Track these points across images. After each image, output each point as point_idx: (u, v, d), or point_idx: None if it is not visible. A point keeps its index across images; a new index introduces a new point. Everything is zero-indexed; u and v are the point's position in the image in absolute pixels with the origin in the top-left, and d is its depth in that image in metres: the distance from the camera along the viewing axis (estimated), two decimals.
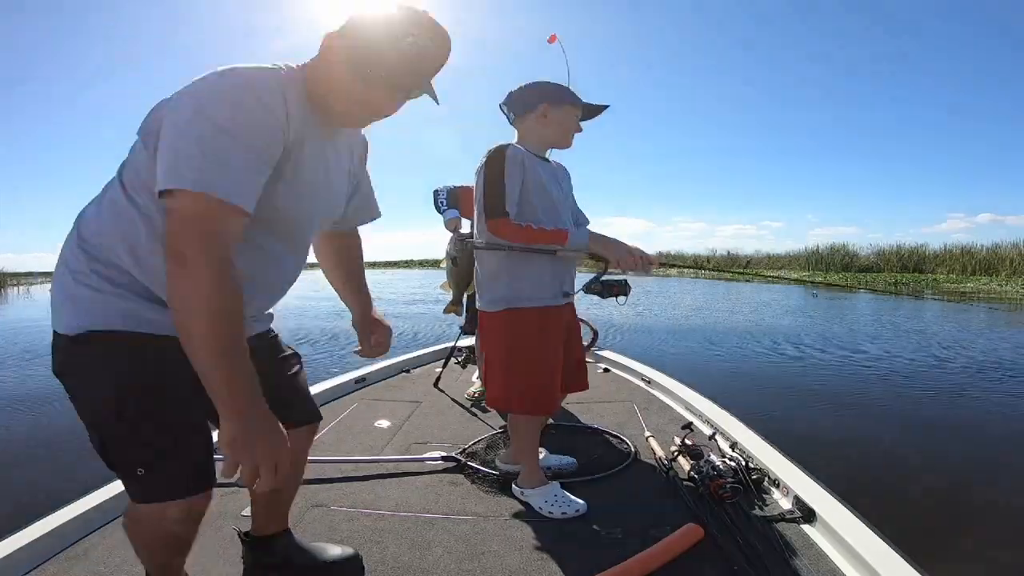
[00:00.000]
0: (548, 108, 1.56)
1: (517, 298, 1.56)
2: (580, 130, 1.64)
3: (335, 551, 1.34)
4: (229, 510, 1.62)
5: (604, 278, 1.62)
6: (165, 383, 0.90)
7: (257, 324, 1.11)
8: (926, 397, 4.03)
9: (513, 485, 1.68)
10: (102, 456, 0.93)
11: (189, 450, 0.94)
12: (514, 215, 1.49)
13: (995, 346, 6.01)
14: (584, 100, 1.62)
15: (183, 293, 0.77)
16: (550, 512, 1.54)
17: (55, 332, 0.92)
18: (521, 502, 1.63)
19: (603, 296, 1.65)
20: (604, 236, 1.57)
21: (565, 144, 1.64)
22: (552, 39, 1.71)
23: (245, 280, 0.82)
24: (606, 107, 1.65)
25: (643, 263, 1.57)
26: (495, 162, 1.50)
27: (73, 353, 0.90)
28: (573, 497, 1.59)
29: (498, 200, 1.48)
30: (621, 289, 1.65)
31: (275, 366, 1.15)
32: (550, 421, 2.32)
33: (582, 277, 1.70)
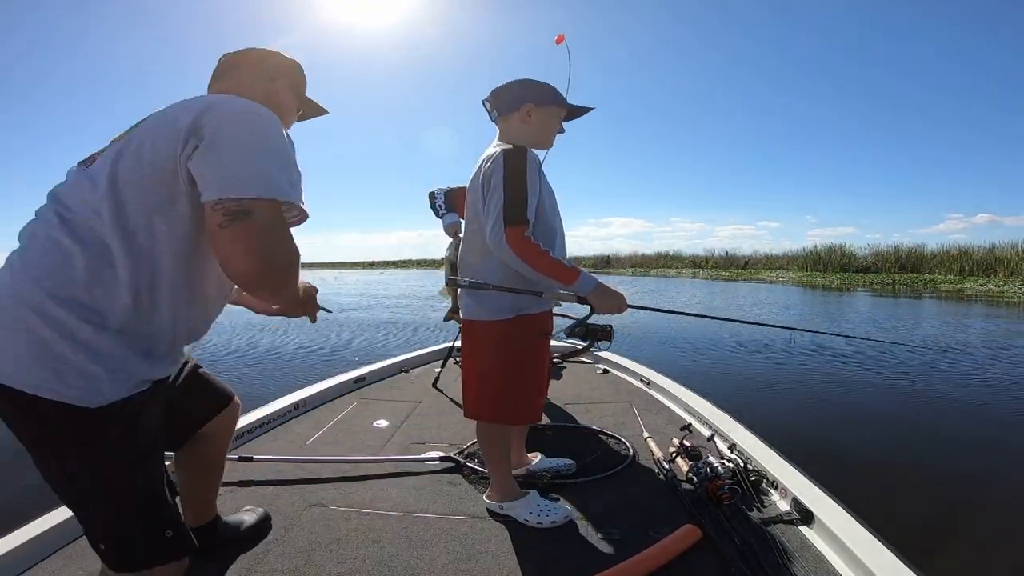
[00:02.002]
0: (533, 108, 1.51)
1: (526, 305, 1.48)
2: (563, 131, 1.60)
3: (251, 517, 1.51)
4: (226, 509, 1.61)
5: (590, 322, 1.57)
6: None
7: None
8: (924, 398, 4.03)
9: (486, 500, 1.60)
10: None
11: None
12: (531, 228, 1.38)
13: (992, 346, 6.02)
14: (574, 99, 1.56)
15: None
16: (538, 523, 1.50)
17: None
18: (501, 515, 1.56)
19: (584, 339, 1.59)
20: (601, 284, 1.46)
21: (547, 145, 1.58)
22: (560, 40, 1.66)
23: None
24: (591, 109, 1.61)
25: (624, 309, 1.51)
26: (518, 163, 1.38)
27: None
28: (556, 503, 1.56)
29: (521, 206, 1.36)
30: (605, 335, 1.60)
31: (185, 385, 1.21)
32: (547, 422, 2.32)
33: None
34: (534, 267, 1.38)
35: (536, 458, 1.85)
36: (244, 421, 2.24)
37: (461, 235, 2.33)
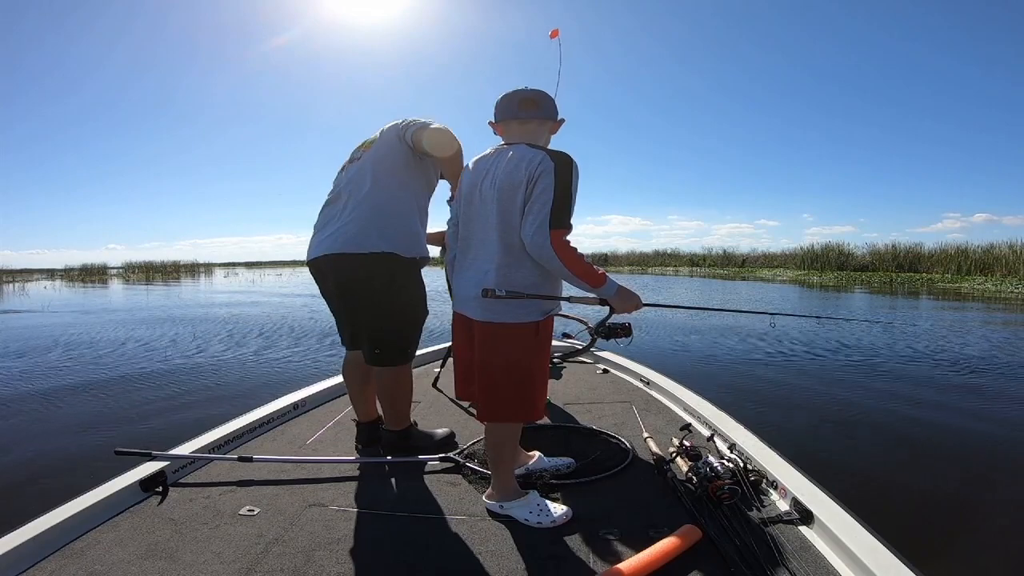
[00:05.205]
0: (555, 124, 1.63)
1: (548, 307, 1.53)
2: None
3: (441, 432, 2.10)
4: (226, 510, 1.62)
5: (610, 321, 1.66)
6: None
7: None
8: (924, 399, 4.04)
9: (486, 500, 1.61)
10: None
11: None
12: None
13: (991, 346, 6.04)
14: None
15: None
16: (539, 523, 1.50)
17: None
18: (501, 516, 1.56)
19: (606, 338, 1.73)
20: (622, 287, 1.54)
21: None
22: (554, 34, 1.70)
23: None
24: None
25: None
26: (567, 170, 1.45)
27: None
28: (556, 504, 1.57)
29: (568, 212, 1.43)
30: (625, 332, 1.73)
31: None
32: (546, 421, 2.32)
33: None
34: (571, 270, 1.43)
35: (535, 457, 1.85)
36: (243, 421, 2.24)
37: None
